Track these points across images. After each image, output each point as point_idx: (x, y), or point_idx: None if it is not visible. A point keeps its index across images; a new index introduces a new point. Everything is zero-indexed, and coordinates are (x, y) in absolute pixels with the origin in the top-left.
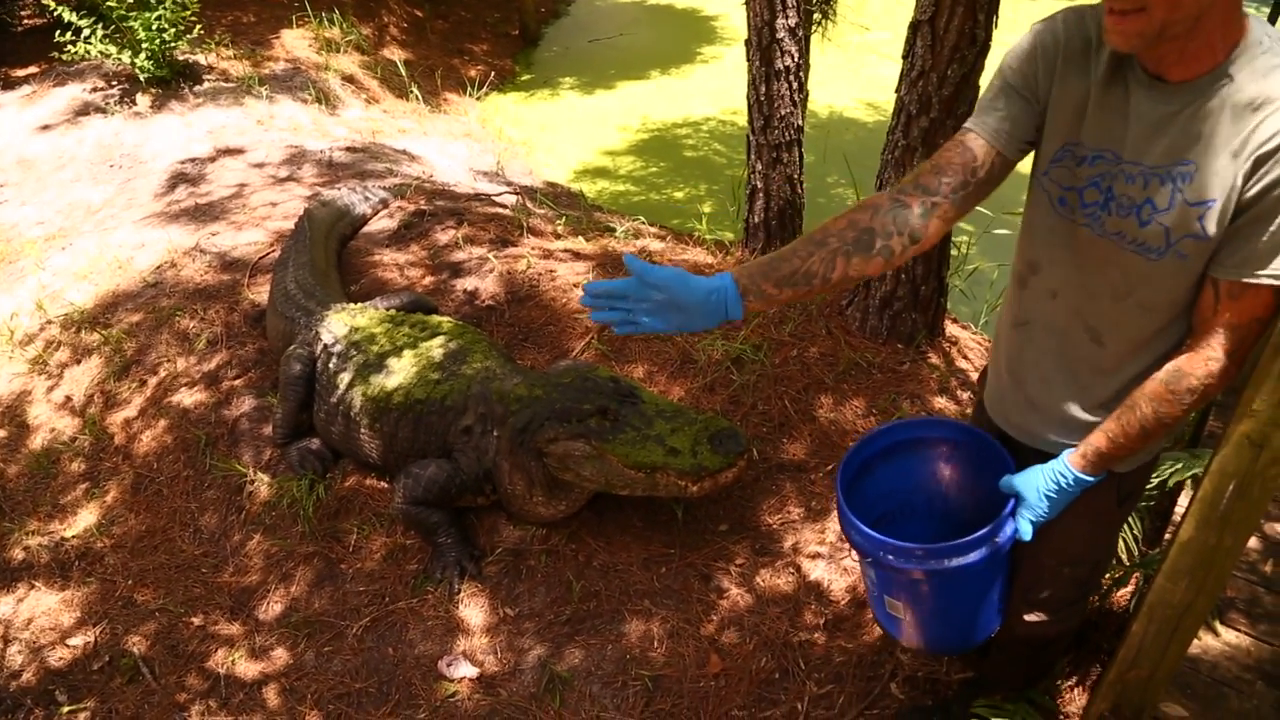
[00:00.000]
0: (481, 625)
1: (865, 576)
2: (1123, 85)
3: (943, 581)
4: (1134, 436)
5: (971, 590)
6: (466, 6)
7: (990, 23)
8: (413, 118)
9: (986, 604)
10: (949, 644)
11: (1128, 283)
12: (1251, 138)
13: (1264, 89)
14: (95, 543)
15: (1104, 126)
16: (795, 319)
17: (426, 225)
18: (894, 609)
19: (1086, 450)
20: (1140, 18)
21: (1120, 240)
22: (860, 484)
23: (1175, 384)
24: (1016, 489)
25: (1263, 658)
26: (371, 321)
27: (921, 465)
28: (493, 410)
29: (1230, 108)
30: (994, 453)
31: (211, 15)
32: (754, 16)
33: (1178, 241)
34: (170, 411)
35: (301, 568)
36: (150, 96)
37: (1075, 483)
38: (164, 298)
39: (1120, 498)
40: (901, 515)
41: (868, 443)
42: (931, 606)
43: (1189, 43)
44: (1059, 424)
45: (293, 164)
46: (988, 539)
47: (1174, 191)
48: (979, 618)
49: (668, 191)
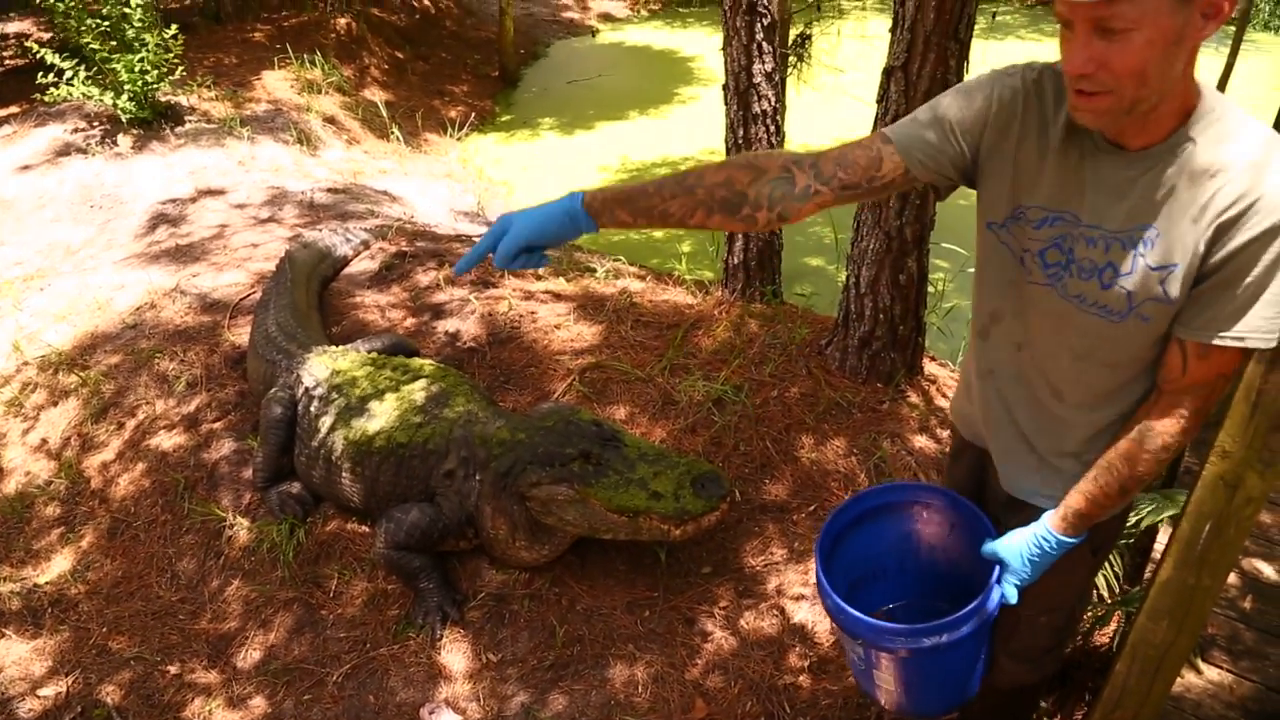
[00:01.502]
0: (464, 671)
1: (848, 650)
2: (1079, 149)
3: (930, 655)
4: (1113, 495)
5: (958, 658)
6: (447, 48)
7: (962, 68)
8: (394, 158)
9: (972, 668)
10: (936, 708)
11: (1088, 344)
12: (1211, 204)
13: (1220, 156)
14: (69, 589)
15: (1061, 189)
16: (775, 359)
17: (408, 267)
18: (879, 681)
19: (1066, 513)
20: (1108, 96)
21: (1081, 303)
22: (833, 555)
23: (1149, 443)
24: (1000, 556)
25: (1245, 694)
26: (353, 364)
27: (891, 529)
28: (475, 454)
29: (1188, 173)
30: (965, 510)
31: (194, 57)
32: (731, 62)
33: (1140, 304)
34: (148, 454)
35: (281, 614)
36: (132, 137)
37: (1058, 545)
38: (143, 339)
39: (1093, 548)
40: (872, 577)
41: (840, 514)
42: (918, 677)
43: (1149, 114)
44: (1030, 476)
45: (274, 205)
46: (977, 611)
47: (1136, 255)
48: (965, 682)
49: (647, 231)
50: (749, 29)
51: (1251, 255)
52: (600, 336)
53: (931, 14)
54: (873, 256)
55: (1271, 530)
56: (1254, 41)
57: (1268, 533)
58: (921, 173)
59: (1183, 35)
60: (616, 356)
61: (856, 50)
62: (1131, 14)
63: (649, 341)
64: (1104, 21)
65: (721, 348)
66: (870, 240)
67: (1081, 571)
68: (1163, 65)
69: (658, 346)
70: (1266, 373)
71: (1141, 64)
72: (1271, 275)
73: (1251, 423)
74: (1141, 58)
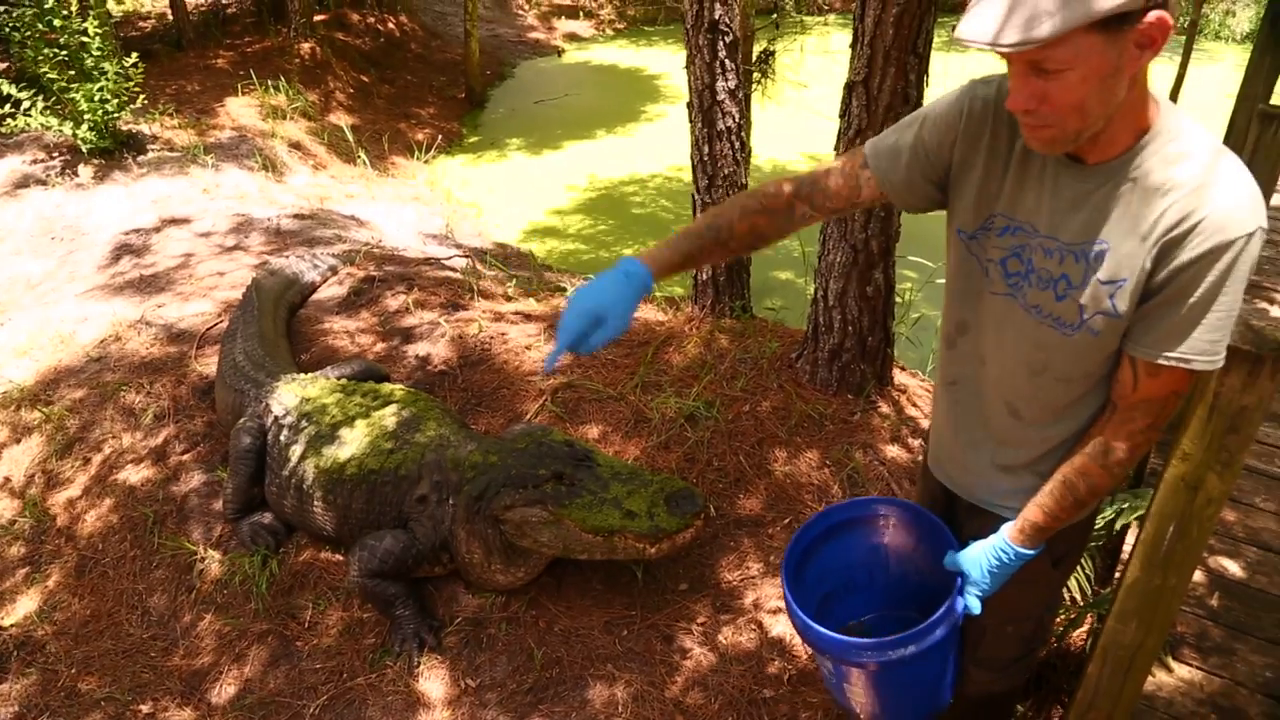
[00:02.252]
0: (443, 698)
1: (820, 664)
2: (1040, 160)
3: (898, 667)
4: (1068, 508)
5: (927, 669)
6: (412, 71)
7: (921, 82)
8: (360, 183)
9: (942, 678)
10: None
11: (1043, 357)
12: (1159, 222)
13: (1171, 174)
14: (36, 630)
15: (1022, 199)
16: (746, 374)
17: (376, 291)
18: (851, 694)
19: (1024, 525)
20: (1054, 128)
21: (1038, 314)
22: (802, 570)
23: (1104, 458)
24: (961, 567)
25: (1214, 691)
26: (322, 391)
27: (859, 542)
28: (448, 478)
29: (1140, 190)
30: (927, 522)
31: (155, 85)
32: (695, 80)
33: (1090, 318)
34: (116, 490)
35: (255, 647)
36: (93, 167)
37: (1016, 557)
38: (108, 372)
39: (1054, 559)
40: (844, 590)
41: (805, 531)
42: (888, 689)
43: (1103, 134)
44: (988, 484)
45: (239, 232)
46: (939, 623)
47: (1087, 269)
48: (935, 691)
49: (617, 249)
50: (711, 47)
51: (1195, 275)
52: (571, 356)
53: (890, 30)
54: (840, 269)
55: (1235, 528)
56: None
57: (1231, 530)
58: (896, 198)
59: (1118, 67)
60: (588, 376)
61: (820, 65)
62: (1064, 55)
63: (620, 360)
64: (1039, 64)
65: (693, 364)
66: (837, 253)
67: (1043, 582)
68: (1102, 96)
69: (629, 364)
70: (1222, 375)
71: (1079, 99)
72: (1214, 296)
73: (1209, 425)
74: (1078, 94)
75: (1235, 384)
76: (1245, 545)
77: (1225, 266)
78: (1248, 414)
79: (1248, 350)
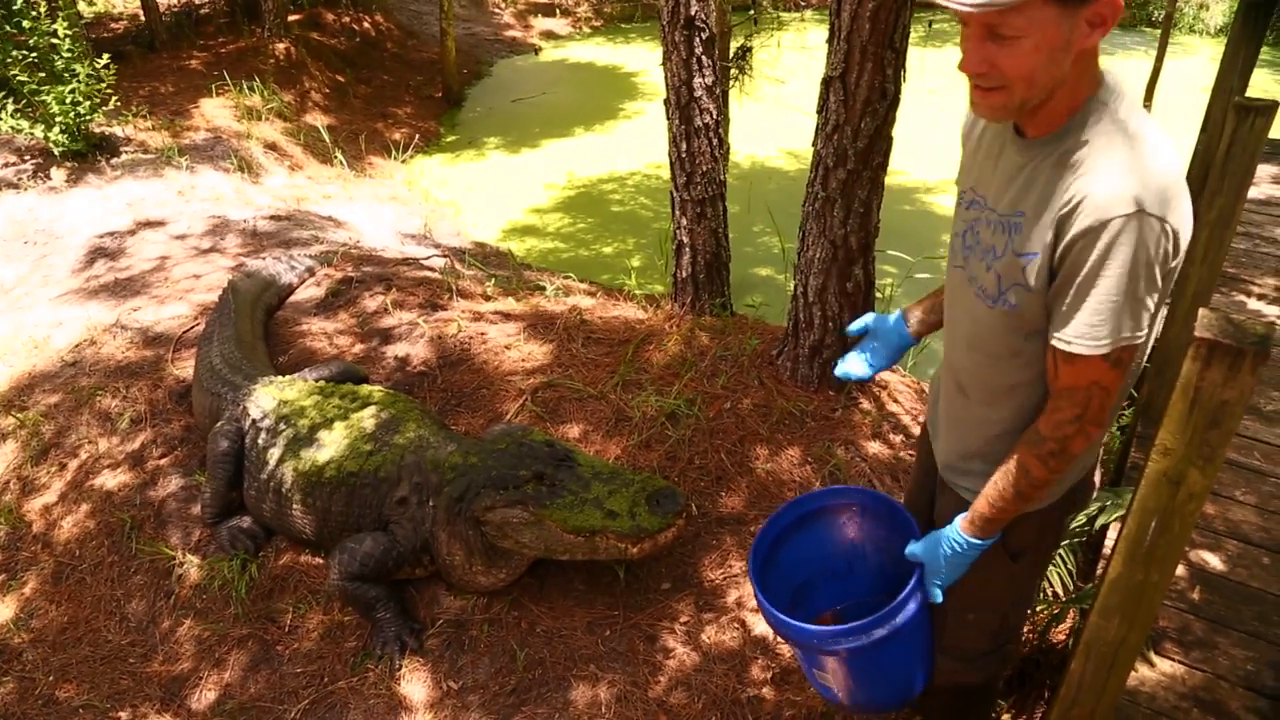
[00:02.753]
0: (425, 701)
1: (797, 653)
2: (1002, 137)
3: (864, 653)
4: (1010, 499)
5: (894, 655)
6: (389, 70)
7: (899, 77)
8: (338, 183)
9: (913, 663)
10: (884, 704)
11: (975, 331)
12: (1061, 197)
13: (1082, 154)
14: (12, 639)
15: (983, 173)
16: (727, 371)
17: (354, 292)
18: (824, 679)
19: (973, 516)
20: (1001, 93)
21: (974, 285)
22: (776, 557)
23: (1037, 447)
24: (920, 557)
25: (1196, 685)
26: (300, 394)
27: (834, 530)
28: (428, 480)
29: (1057, 166)
30: (898, 514)
31: (128, 86)
32: (671, 76)
33: (1007, 290)
34: (92, 495)
35: (235, 652)
36: (65, 170)
37: (969, 546)
38: (83, 377)
39: (1011, 553)
40: (823, 578)
41: (775, 521)
42: (859, 675)
43: (1041, 109)
44: (949, 464)
45: (215, 234)
46: (899, 609)
47: (1008, 240)
48: (908, 676)
49: (596, 247)
50: (688, 43)
51: (1079, 254)
52: (551, 355)
53: (867, 24)
54: (820, 265)
55: (1216, 521)
56: (1180, 44)
57: (1212, 524)
58: None
59: (1069, 42)
60: (568, 375)
61: (797, 61)
62: (1019, 23)
63: (600, 358)
64: (995, 28)
65: (673, 362)
66: (817, 249)
67: (1001, 574)
68: (1049, 68)
69: (609, 363)
70: (1203, 370)
71: (1029, 68)
72: (1094, 279)
73: (1190, 420)
74: (1029, 62)
75: (1216, 379)
76: (1226, 539)
77: (1104, 247)
78: (1229, 409)
79: (1229, 344)
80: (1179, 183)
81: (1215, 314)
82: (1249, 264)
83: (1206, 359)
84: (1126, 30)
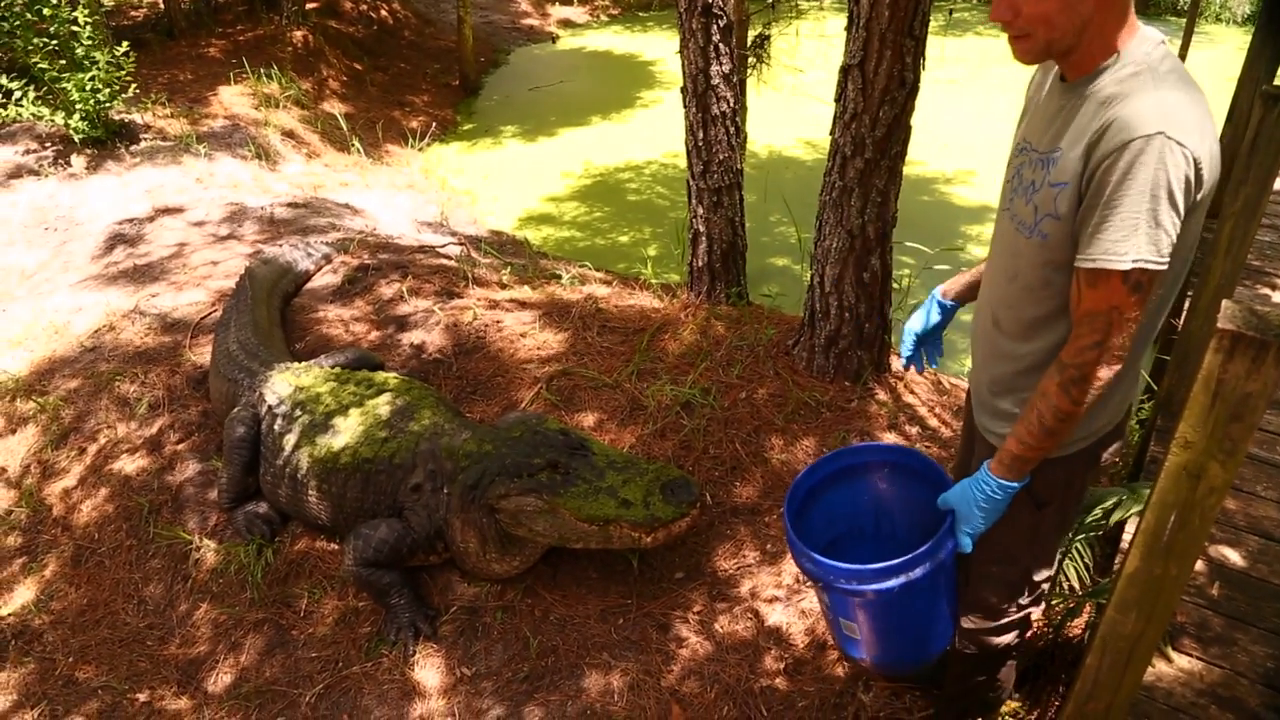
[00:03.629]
0: (438, 687)
1: (820, 602)
2: (1049, 86)
3: (892, 599)
4: (1037, 434)
5: (920, 605)
6: (406, 58)
7: (918, 65)
8: (355, 171)
9: (937, 617)
10: (905, 658)
11: (1015, 264)
12: (1091, 127)
13: (1115, 90)
14: (33, 620)
15: (1033, 122)
16: (743, 361)
17: (371, 279)
18: (850, 630)
19: (1001, 455)
20: (1028, 40)
21: (1014, 219)
22: (809, 513)
23: (1059, 375)
24: (951, 504)
25: (1214, 681)
26: (316, 380)
27: (866, 489)
28: (442, 467)
29: (1093, 104)
30: (932, 470)
31: (147, 74)
32: (689, 64)
33: (1041, 220)
34: (111, 479)
35: (251, 635)
36: (85, 157)
37: (1000, 489)
38: (103, 362)
39: (1036, 502)
40: (852, 538)
41: (811, 472)
42: (884, 624)
43: (1074, 53)
44: (983, 404)
45: (233, 221)
46: (929, 555)
47: (1046, 174)
48: (931, 631)
49: (612, 236)
50: (705, 31)
51: (1104, 173)
52: (566, 343)
53: (886, 11)
54: (836, 255)
55: (1237, 517)
56: (1205, 33)
57: (1232, 519)
58: None
59: None
60: (583, 363)
61: (816, 50)
62: None
63: (615, 347)
64: None
65: (688, 351)
66: (833, 239)
67: (1025, 521)
68: (1067, 12)
69: (624, 352)
70: (1225, 362)
71: (1046, 12)
72: (1118, 196)
73: (1212, 413)
74: (1045, 7)
75: (1239, 371)
76: (1247, 534)
77: (1126, 166)
78: (1251, 401)
79: (1252, 336)
80: (1204, 120)
81: (1238, 305)
82: (1275, 256)
83: (1229, 351)
84: (1152, 19)
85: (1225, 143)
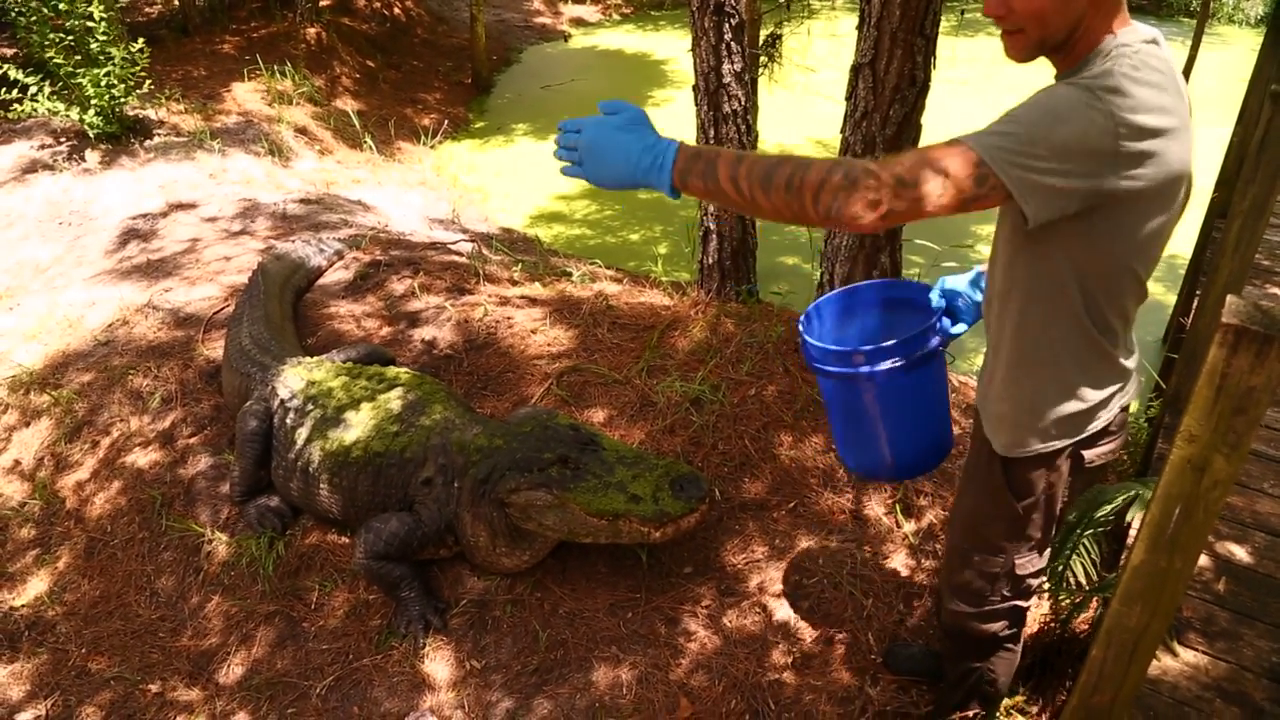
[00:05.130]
0: (448, 680)
1: (827, 408)
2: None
3: (901, 383)
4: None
5: (926, 395)
6: (418, 56)
7: (929, 64)
8: (367, 168)
9: (940, 409)
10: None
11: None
12: None
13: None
14: (46, 611)
15: None
16: (752, 358)
17: (382, 275)
18: (866, 427)
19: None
20: (1020, 36)
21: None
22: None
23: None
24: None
25: (1220, 675)
26: (328, 375)
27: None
28: (453, 461)
29: None
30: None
31: (162, 70)
32: (700, 62)
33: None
34: (124, 472)
35: (262, 628)
36: (100, 152)
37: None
38: (116, 356)
39: (1011, 486)
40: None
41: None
42: (895, 412)
43: (1064, 49)
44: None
45: (246, 217)
46: (927, 336)
47: None
48: (939, 425)
49: (623, 234)
50: (717, 29)
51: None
52: (577, 340)
53: (898, 11)
54: (846, 253)
55: (1242, 513)
56: (1217, 34)
57: (1239, 515)
58: None
59: None
60: (594, 359)
61: (828, 49)
62: None
63: (626, 343)
64: None
65: (698, 348)
66: (843, 237)
67: (1004, 512)
68: (1061, 10)
69: (634, 348)
70: (1230, 357)
71: (1039, 9)
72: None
73: (1216, 406)
74: (1039, 4)
75: (1243, 365)
76: (1253, 530)
77: (1039, 92)
78: (1255, 395)
79: (1256, 330)
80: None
81: (1243, 300)
82: None
83: (1234, 345)
84: (1163, 20)
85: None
